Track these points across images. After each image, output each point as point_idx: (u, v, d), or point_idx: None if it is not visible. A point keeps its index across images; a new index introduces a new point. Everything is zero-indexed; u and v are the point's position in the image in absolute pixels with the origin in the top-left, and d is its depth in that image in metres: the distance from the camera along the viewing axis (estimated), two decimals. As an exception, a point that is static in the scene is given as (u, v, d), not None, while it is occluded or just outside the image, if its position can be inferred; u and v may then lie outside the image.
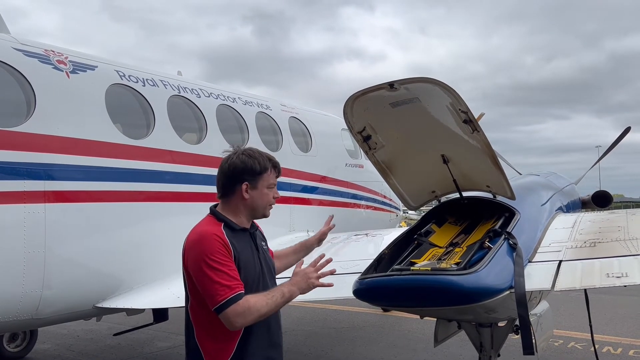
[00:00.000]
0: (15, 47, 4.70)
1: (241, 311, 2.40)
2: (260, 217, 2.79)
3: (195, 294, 2.56)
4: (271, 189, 2.75)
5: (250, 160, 2.68)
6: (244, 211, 2.70)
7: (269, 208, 2.78)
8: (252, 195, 2.68)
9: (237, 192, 2.67)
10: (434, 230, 3.97)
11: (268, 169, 2.72)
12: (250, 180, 2.67)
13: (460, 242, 3.81)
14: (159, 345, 7.92)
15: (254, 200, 2.69)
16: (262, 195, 2.71)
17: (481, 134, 3.55)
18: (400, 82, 3.33)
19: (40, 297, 4.47)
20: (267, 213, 2.78)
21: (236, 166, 2.66)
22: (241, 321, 2.43)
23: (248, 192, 2.66)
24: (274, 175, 2.76)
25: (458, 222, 4.18)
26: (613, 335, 7.91)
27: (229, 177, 2.68)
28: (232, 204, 2.69)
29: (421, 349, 7.28)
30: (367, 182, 9.25)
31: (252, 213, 2.73)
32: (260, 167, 2.68)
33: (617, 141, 8.90)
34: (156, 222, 5.42)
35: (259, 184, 2.69)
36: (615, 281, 3.01)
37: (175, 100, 6.03)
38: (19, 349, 7.32)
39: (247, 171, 2.66)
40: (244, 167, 2.66)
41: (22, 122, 4.47)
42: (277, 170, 2.78)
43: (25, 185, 4.37)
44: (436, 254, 3.61)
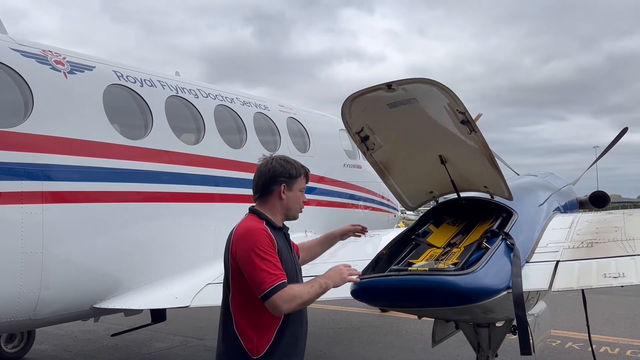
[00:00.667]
0: (13, 48, 4.69)
1: (287, 298, 2.65)
2: (292, 219, 3.06)
3: (240, 285, 2.79)
4: (302, 192, 3.08)
5: (287, 165, 3.02)
6: (280, 211, 2.99)
7: (300, 210, 3.10)
8: (288, 196, 2.99)
9: (274, 193, 2.96)
10: (431, 231, 3.98)
11: (302, 174, 3.07)
12: (287, 183, 2.98)
13: (458, 243, 3.81)
14: (156, 345, 7.91)
15: (289, 201, 3.00)
16: (296, 197, 3.02)
17: (479, 134, 3.56)
18: (398, 83, 3.33)
19: (38, 298, 4.46)
20: (297, 215, 3.09)
21: (276, 169, 2.97)
22: (287, 307, 2.66)
23: (285, 192, 2.97)
24: (304, 181, 3.10)
25: (456, 223, 4.18)
26: (610, 335, 7.93)
27: (268, 178, 2.97)
28: (270, 204, 2.97)
29: (419, 349, 7.29)
30: (365, 182, 9.25)
31: (287, 213, 3.02)
32: (296, 172, 3.02)
33: (614, 142, 8.92)
34: (154, 222, 5.42)
35: (294, 187, 3.01)
36: (612, 281, 3.02)
37: (173, 101, 6.02)
38: (17, 350, 7.31)
39: (284, 174, 2.98)
40: (283, 170, 2.98)
41: (19, 123, 4.46)
42: (307, 178, 3.13)
43: (23, 185, 4.36)
44: (434, 254, 3.62)
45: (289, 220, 3.05)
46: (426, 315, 3.92)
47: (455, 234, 3.99)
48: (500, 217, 3.83)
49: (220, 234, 6.07)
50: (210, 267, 5.59)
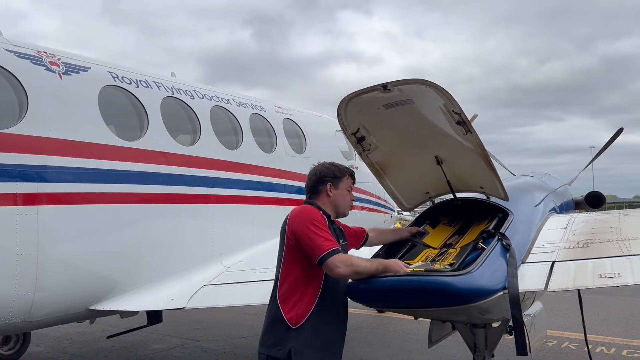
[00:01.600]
0: (7, 49, 4.68)
1: (344, 260, 2.99)
2: (342, 216, 3.45)
3: (295, 259, 3.13)
4: (349, 191, 3.44)
5: (332, 167, 3.43)
6: (329, 207, 3.36)
7: (348, 208, 3.47)
8: (335, 194, 3.37)
9: (322, 192, 3.36)
10: (427, 232, 3.98)
11: (346, 174, 3.44)
12: (333, 182, 3.37)
13: (454, 243, 3.81)
14: (153, 347, 7.89)
15: (337, 198, 3.37)
16: (343, 195, 3.40)
17: (474, 135, 3.56)
18: (394, 84, 3.33)
19: (32, 300, 4.44)
20: (346, 212, 3.46)
21: (322, 171, 3.40)
22: (342, 270, 2.96)
23: (332, 191, 3.36)
24: (350, 181, 3.46)
25: (452, 223, 4.18)
26: (606, 335, 7.95)
27: (316, 180, 3.38)
28: (319, 201, 3.35)
29: (416, 350, 7.29)
30: (361, 183, 9.21)
31: (336, 210, 3.39)
32: (340, 172, 3.42)
33: (610, 142, 8.95)
34: (150, 223, 5.40)
35: (340, 185, 3.39)
36: (608, 281, 3.02)
37: (168, 102, 6.01)
38: (12, 352, 7.27)
39: (330, 174, 3.38)
40: (328, 172, 3.40)
41: (14, 124, 4.45)
42: (353, 177, 3.50)
43: (18, 187, 4.34)
44: (430, 255, 3.62)
45: (340, 217, 3.43)
46: (422, 316, 3.91)
47: (452, 235, 3.99)
48: (497, 218, 3.83)
49: (216, 235, 6.09)
50: (206, 269, 5.59)
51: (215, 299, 5.19)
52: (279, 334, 3.08)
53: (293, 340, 3.04)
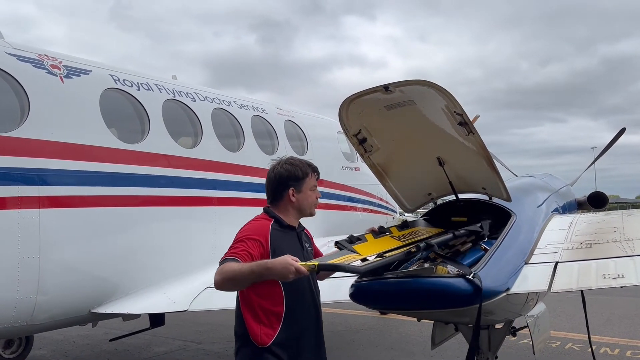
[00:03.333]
0: (9, 52, 4.68)
1: (219, 270, 2.71)
2: (308, 216, 3.19)
3: None
4: (313, 190, 3.17)
5: (293, 168, 3.11)
6: (292, 212, 3.12)
7: (314, 207, 3.21)
8: (298, 198, 3.10)
9: (285, 197, 3.09)
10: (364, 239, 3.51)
11: (309, 173, 3.15)
12: (295, 186, 3.09)
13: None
14: (155, 350, 7.88)
15: (301, 202, 3.11)
16: (306, 197, 3.13)
17: (476, 136, 3.55)
18: (395, 85, 3.32)
19: (35, 303, 4.44)
20: (313, 212, 3.21)
21: (282, 175, 3.09)
22: (217, 278, 2.71)
23: (294, 195, 3.09)
24: (314, 178, 3.19)
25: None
26: (610, 336, 7.92)
27: (276, 185, 3.10)
28: (282, 207, 3.10)
29: (419, 352, 7.27)
30: (363, 184, 9.24)
31: (300, 213, 3.15)
32: (302, 173, 3.12)
33: (612, 142, 8.93)
34: (151, 226, 5.40)
35: (302, 188, 3.11)
36: (612, 282, 3.00)
37: (170, 104, 6.01)
38: (15, 355, 7.26)
39: (291, 178, 3.09)
40: (289, 175, 3.09)
41: (15, 127, 4.45)
42: (316, 173, 3.21)
43: (20, 190, 4.34)
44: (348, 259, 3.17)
45: (306, 217, 3.19)
46: (426, 318, 3.91)
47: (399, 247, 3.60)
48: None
49: (218, 237, 6.08)
50: (208, 271, 5.55)
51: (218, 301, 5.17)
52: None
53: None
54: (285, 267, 2.57)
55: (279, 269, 2.59)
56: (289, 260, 2.58)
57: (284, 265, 2.58)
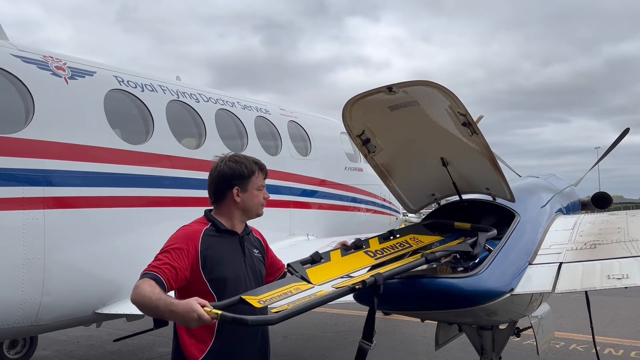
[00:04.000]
0: (14, 54, 4.70)
1: (135, 286, 2.43)
2: (254, 217, 2.94)
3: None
4: (260, 190, 2.91)
5: (237, 165, 2.83)
6: (236, 213, 2.86)
7: (261, 208, 2.94)
8: (243, 198, 2.84)
9: (228, 197, 2.83)
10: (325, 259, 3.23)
11: (255, 171, 2.87)
12: (240, 184, 2.83)
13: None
14: (159, 350, 7.89)
15: (246, 203, 2.85)
16: (252, 197, 2.87)
17: (480, 136, 3.55)
18: (399, 86, 3.32)
19: (39, 304, 4.46)
20: (260, 212, 2.94)
21: (225, 173, 2.83)
22: (131, 296, 2.43)
23: (239, 195, 2.83)
24: (261, 177, 2.91)
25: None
26: (614, 336, 7.90)
27: (219, 183, 2.84)
28: (225, 208, 2.86)
29: (422, 352, 7.27)
30: (366, 185, 9.24)
31: (246, 214, 2.89)
32: (247, 171, 2.84)
33: (616, 142, 8.90)
34: (155, 227, 5.41)
35: (248, 187, 2.85)
36: (616, 283, 3.00)
37: (174, 105, 6.03)
38: (19, 356, 7.29)
39: (235, 176, 2.82)
40: (233, 173, 2.82)
41: (21, 129, 4.47)
42: (264, 172, 2.93)
43: (25, 191, 4.36)
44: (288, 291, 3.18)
45: (253, 219, 2.94)
46: (429, 318, 3.90)
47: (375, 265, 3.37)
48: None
49: (222, 238, 6.09)
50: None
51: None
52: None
53: None
54: (188, 313, 2.23)
55: (181, 314, 2.25)
56: (192, 306, 2.23)
57: (187, 311, 2.23)
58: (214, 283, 2.68)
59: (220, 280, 2.68)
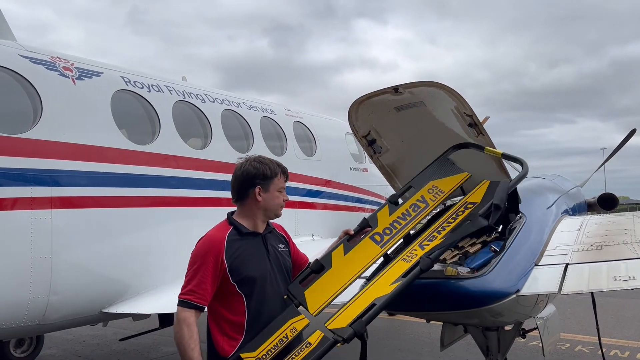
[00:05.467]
0: (22, 54, 4.73)
1: (179, 317, 2.78)
2: (274, 218, 3.05)
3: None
4: (281, 192, 3.01)
5: (261, 166, 2.95)
6: (257, 213, 2.96)
7: (280, 209, 3.04)
8: (265, 198, 2.94)
9: (250, 196, 2.93)
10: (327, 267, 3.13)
11: (278, 173, 2.99)
12: (262, 184, 2.93)
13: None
14: (164, 350, 7.92)
15: (267, 202, 2.95)
16: (273, 198, 2.96)
17: (486, 137, 3.55)
18: (405, 86, 3.33)
19: (47, 303, 4.48)
20: (279, 213, 3.04)
21: (249, 172, 2.93)
22: (175, 325, 2.82)
23: (261, 194, 2.93)
24: (283, 180, 3.02)
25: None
26: (620, 338, 7.87)
27: (243, 182, 2.94)
28: (247, 207, 2.96)
29: (427, 353, 7.26)
30: (371, 185, 9.24)
31: (266, 214, 2.99)
32: (270, 172, 2.96)
33: (622, 144, 8.86)
34: (162, 227, 5.44)
35: (270, 187, 2.95)
36: (623, 284, 2.99)
37: (180, 106, 6.05)
38: (26, 355, 7.33)
39: (259, 176, 2.93)
40: (256, 172, 2.93)
41: (28, 129, 4.50)
42: (285, 175, 3.05)
43: (32, 191, 4.39)
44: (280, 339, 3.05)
45: (272, 219, 3.06)
46: (435, 319, 3.90)
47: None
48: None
49: (228, 238, 6.10)
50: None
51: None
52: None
53: None
54: None
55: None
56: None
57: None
58: (242, 284, 2.81)
59: (248, 281, 2.81)
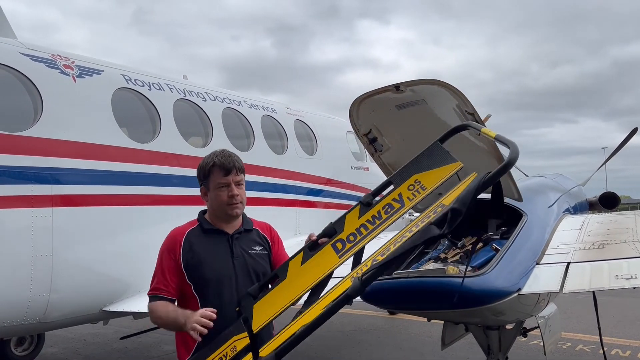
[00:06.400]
0: (23, 52, 4.73)
1: (150, 309, 2.71)
2: (227, 217, 2.72)
3: None
4: (222, 188, 2.67)
5: (201, 164, 2.74)
6: (213, 214, 2.74)
7: (229, 208, 2.68)
8: (209, 198, 2.72)
9: (203, 197, 2.77)
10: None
11: (210, 170, 2.68)
12: (204, 184, 2.73)
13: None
14: (165, 348, 7.92)
15: (211, 202, 2.72)
16: (214, 197, 2.69)
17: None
18: (406, 84, 3.32)
19: (47, 301, 4.48)
20: (230, 212, 2.69)
21: (196, 174, 2.78)
22: (150, 317, 2.73)
23: (207, 195, 2.73)
24: (220, 175, 2.67)
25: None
26: (621, 337, 7.86)
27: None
28: (208, 207, 2.79)
29: (428, 352, 7.25)
30: (372, 184, 9.20)
31: (217, 214, 2.72)
32: (204, 171, 2.71)
33: (623, 143, 8.85)
34: (162, 225, 5.39)
35: (210, 186, 2.70)
36: (625, 283, 2.98)
37: (181, 104, 6.04)
38: (27, 353, 7.32)
39: (199, 176, 2.75)
40: (198, 172, 2.75)
41: (29, 127, 4.49)
42: (223, 169, 2.66)
43: (33, 189, 4.38)
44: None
45: (230, 219, 2.73)
46: (436, 318, 3.90)
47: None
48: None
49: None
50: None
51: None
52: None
53: None
54: (184, 328, 2.49)
55: (181, 327, 2.53)
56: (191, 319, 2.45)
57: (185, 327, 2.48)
58: (197, 285, 2.64)
59: (202, 282, 2.62)
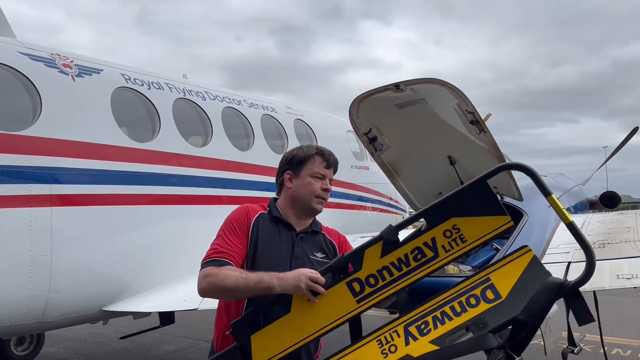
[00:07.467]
0: (21, 51, 4.71)
1: (207, 273, 2.32)
2: (308, 210, 2.59)
3: None
4: (317, 178, 2.57)
5: (295, 150, 2.66)
6: (289, 204, 2.59)
7: (315, 200, 2.57)
8: (295, 184, 2.59)
9: (283, 184, 2.63)
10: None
11: (311, 156, 2.59)
12: (293, 169, 2.61)
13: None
14: (165, 348, 7.91)
15: (296, 190, 2.57)
16: (304, 184, 2.56)
17: (488, 134, 3.53)
18: (407, 83, 3.31)
19: (46, 301, 4.47)
20: (313, 205, 2.57)
21: (284, 158, 2.67)
22: (203, 283, 2.32)
23: (292, 181, 2.60)
24: (320, 165, 2.59)
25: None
26: (622, 337, 7.84)
27: (278, 169, 2.68)
28: (282, 198, 2.64)
29: (428, 352, 7.24)
30: (372, 184, 9.22)
31: (296, 204, 2.58)
32: (303, 155, 2.60)
33: (624, 142, 8.85)
34: (162, 225, 5.42)
35: (301, 173, 2.58)
36: (625, 282, 2.97)
37: (180, 103, 6.03)
38: (26, 353, 7.32)
39: (289, 160, 2.63)
40: (288, 156, 2.65)
41: (28, 126, 4.48)
42: (325, 159, 2.60)
43: (32, 189, 4.37)
44: None
45: (309, 213, 2.60)
46: (436, 318, 3.87)
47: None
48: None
49: (228, 236, 6.09)
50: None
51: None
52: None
53: None
54: (295, 289, 2.25)
55: (290, 289, 2.25)
56: (302, 278, 2.24)
57: (295, 288, 2.25)
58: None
59: (252, 270, 2.40)
